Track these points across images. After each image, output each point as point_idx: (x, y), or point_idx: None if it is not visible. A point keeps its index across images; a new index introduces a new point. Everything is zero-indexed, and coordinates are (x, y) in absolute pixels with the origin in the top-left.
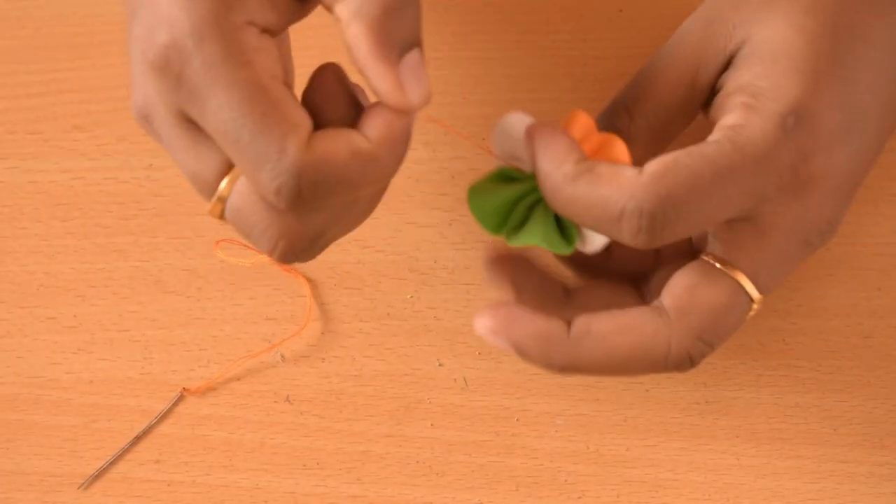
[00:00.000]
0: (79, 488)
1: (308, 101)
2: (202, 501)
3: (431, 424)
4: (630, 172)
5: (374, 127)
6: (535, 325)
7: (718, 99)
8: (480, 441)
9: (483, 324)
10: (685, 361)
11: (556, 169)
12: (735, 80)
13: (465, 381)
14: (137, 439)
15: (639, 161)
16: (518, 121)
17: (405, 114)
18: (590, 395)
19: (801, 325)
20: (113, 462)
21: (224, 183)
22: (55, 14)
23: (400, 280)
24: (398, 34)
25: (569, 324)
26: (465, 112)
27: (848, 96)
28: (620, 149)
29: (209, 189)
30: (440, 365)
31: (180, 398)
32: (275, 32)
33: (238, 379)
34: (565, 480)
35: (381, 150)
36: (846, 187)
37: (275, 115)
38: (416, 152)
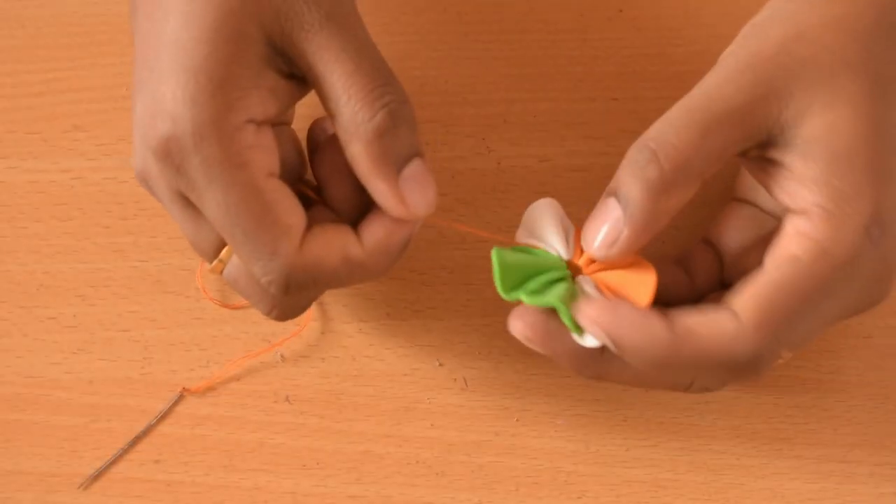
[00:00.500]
0: (79, 488)
1: (315, 170)
2: (202, 501)
3: (431, 424)
4: (729, 323)
5: (372, 234)
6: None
7: (786, 181)
8: (480, 441)
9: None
10: (701, 392)
11: (651, 346)
12: (808, 168)
13: (465, 382)
14: (137, 439)
15: (666, 213)
16: (547, 206)
17: (409, 223)
18: (589, 395)
19: None
20: (112, 462)
21: (224, 251)
22: (55, 13)
23: (400, 280)
24: (395, 151)
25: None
26: (465, 112)
27: None
28: (645, 271)
29: (208, 256)
30: (440, 365)
31: (180, 398)
32: (275, 120)
33: (238, 379)
34: (565, 480)
35: (373, 258)
36: None
37: (268, 218)
38: None
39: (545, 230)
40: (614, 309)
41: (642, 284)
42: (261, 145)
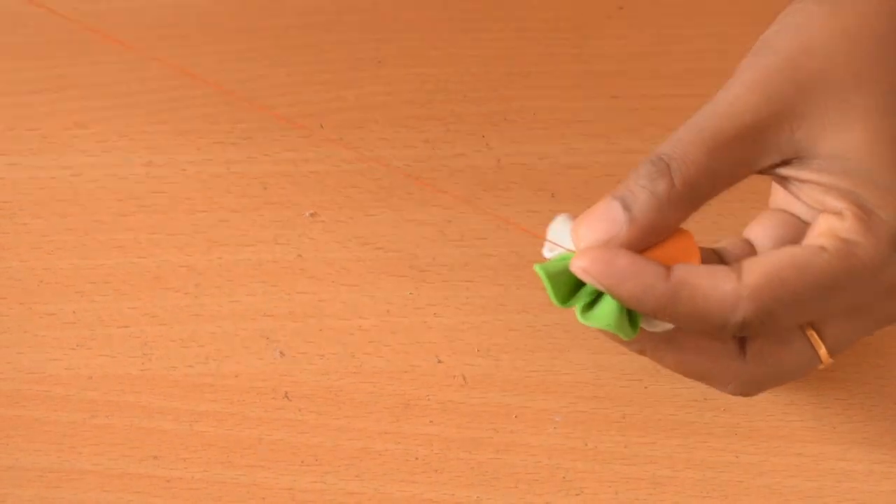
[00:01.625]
0: None
1: None
2: (200, 498)
3: (430, 421)
4: (728, 286)
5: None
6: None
7: (814, 192)
8: (479, 438)
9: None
10: (738, 395)
11: (646, 294)
12: (832, 181)
13: (464, 378)
14: None
15: (667, 227)
16: (567, 219)
17: None
18: (588, 392)
19: None
20: (112, 458)
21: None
22: (56, 11)
23: (399, 277)
24: None
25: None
26: (466, 110)
27: None
28: (687, 241)
29: None
30: (439, 362)
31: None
32: None
33: (236, 375)
34: (563, 477)
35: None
36: None
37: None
38: (415, 150)
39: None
40: (608, 259)
41: (684, 252)
42: None
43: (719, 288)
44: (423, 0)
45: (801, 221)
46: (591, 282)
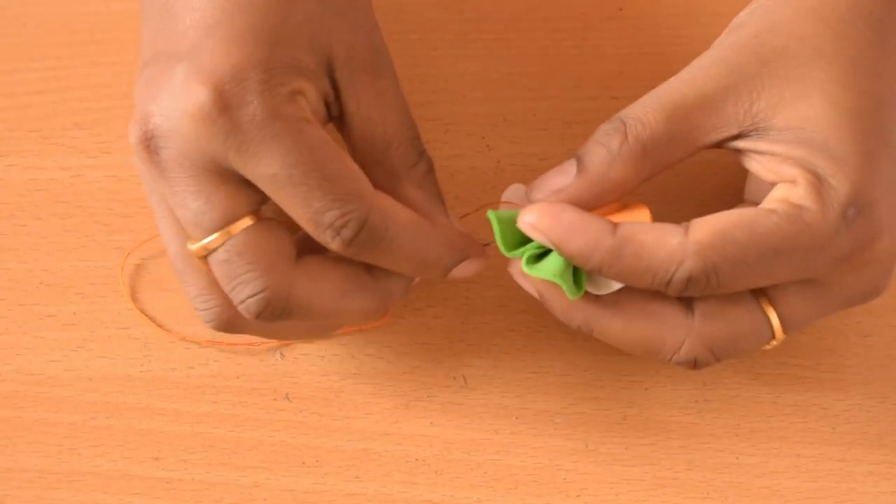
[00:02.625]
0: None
1: None
2: (201, 499)
3: (430, 422)
4: (675, 240)
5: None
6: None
7: (770, 163)
8: (479, 439)
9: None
10: (689, 363)
11: (594, 249)
12: (788, 151)
13: (465, 380)
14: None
15: (616, 182)
16: (521, 188)
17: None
18: (589, 393)
19: None
20: (112, 459)
21: (217, 235)
22: (56, 12)
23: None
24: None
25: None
26: (465, 110)
27: (893, 170)
28: (642, 212)
29: (204, 232)
30: (439, 363)
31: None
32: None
33: (237, 377)
34: (564, 479)
35: (440, 238)
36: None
37: (343, 163)
38: None
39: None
40: (554, 213)
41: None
42: (317, 118)
43: (665, 242)
44: (423, 0)
45: None
46: (538, 237)
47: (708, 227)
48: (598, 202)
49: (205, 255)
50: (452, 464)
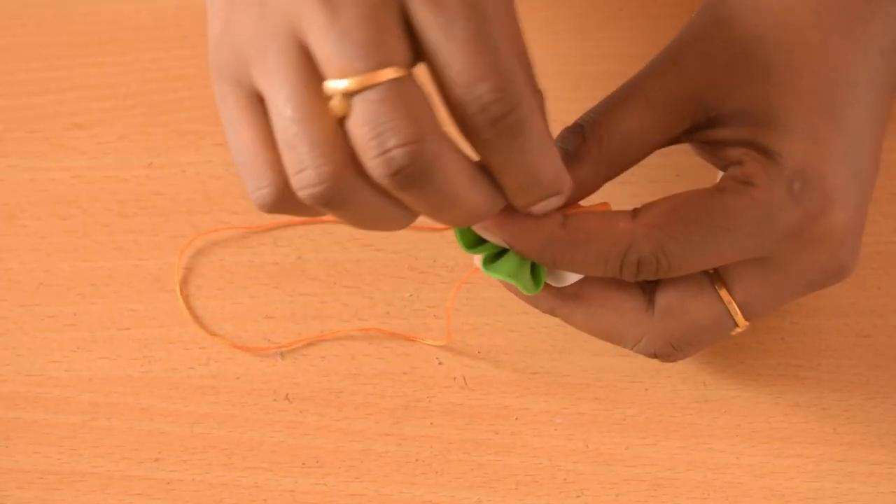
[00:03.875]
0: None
1: None
2: (201, 500)
3: (431, 423)
4: (623, 222)
5: None
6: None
7: (721, 150)
8: (480, 440)
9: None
10: (650, 354)
11: (546, 243)
12: (736, 134)
13: (465, 380)
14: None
15: (577, 183)
16: None
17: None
18: (589, 393)
19: (800, 324)
20: (112, 460)
21: (372, 74)
22: (56, 12)
23: (399, 279)
24: None
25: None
26: None
27: (848, 147)
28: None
29: (359, 66)
30: (439, 363)
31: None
32: None
33: (237, 377)
34: (564, 479)
35: (558, 163)
36: (857, 230)
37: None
38: None
39: None
40: (507, 212)
41: None
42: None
43: (613, 227)
44: None
45: None
46: (491, 237)
47: (655, 208)
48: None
49: (351, 93)
50: (453, 464)
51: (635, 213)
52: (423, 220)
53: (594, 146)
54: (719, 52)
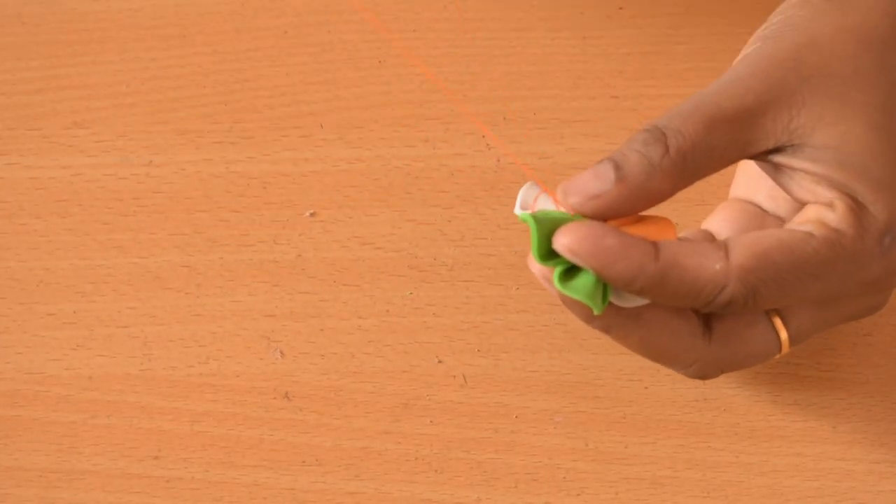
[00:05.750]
0: None
1: None
2: (201, 498)
3: (430, 421)
4: (717, 265)
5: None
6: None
7: (804, 181)
8: (479, 438)
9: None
10: (697, 377)
11: (637, 275)
12: (825, 171)
13: (465, 378)
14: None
15: (655, 193)
16: (536, 187)
17: None
18: (588, 392)
19: None
20: (112, 458)
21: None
22: (55, 11)
23: (399, 277)
24: None
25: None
26: (465, 109)
27: None
28: (664, 223)
29: None
30: (439, 362)
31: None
32: None
33: (237, 375)
34: (564, 477)
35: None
36: None
37: None
38: (414, 149)
39: (548, 203)
40: (594, 238)
41: (663, 234)
42: None
43: (709, 267)
44: (423, 0)
45: (762, 211)
46: (579, 262)
47: (748, 250)
48: (633, 211)
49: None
50: (452, 463)
51: (726, 249)
52: (423, 217)
53: (678, 158)
54: (815, 77)
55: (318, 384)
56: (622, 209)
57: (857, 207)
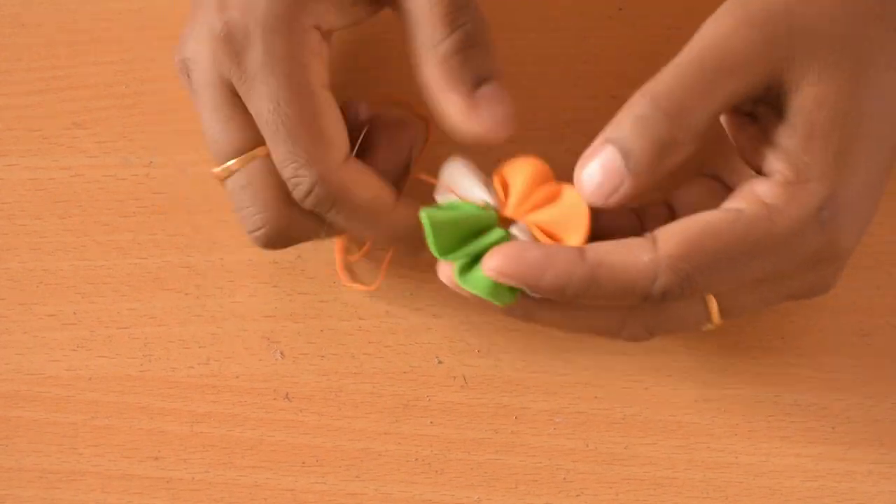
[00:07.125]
0: None
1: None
2: (201, 499)
3: (430, 422)
4: (646, 257)
5: (406, 202)
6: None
7: (761, 146)
8: (479, 439)
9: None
10: (629, 341)
11: (567, 282)
12: (786, 138)
13: (465, 379)
14: None
15: (669, 171)
16: (461, 164)
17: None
18: (588, 392)
19: (799, 323)
20: (112, 458)
21: (234, 161)
22: (55, 11)
23: (399, 277)
24: (469, 69)
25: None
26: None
27: (872, 174)
28: (574, 199)
29: (223, 156)
30: (439, 362)
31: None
32: (331, 35)
33: (237, 376)
34: (564, 478)
35: (401, 213)
36: (852, 252)
37: (316, 123)
38: None
39: (467, 185)
40: (517, 255)
41: (575, 219)
42: (321, 54)
43: (637, 261)
44: None
45: (727, 189)
46: (509, 283)
47: (676, 237)
48: (645, 195)
49: (226, 178)
50: (452, 463)
51: (653, 240)
52: None
53: (683, 134)
54: (806, 35)
55: (318, 385)
56: (641, 193)
57: (795, 179)
